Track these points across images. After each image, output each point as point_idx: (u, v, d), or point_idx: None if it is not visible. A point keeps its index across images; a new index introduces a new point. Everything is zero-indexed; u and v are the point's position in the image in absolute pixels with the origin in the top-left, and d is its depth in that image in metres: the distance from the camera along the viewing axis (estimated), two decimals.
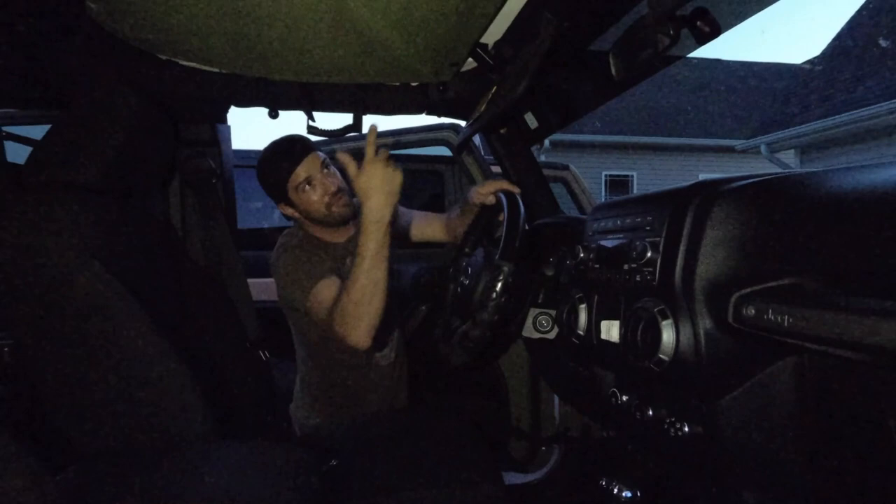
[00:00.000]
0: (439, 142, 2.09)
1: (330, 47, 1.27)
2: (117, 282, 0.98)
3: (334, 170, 1.43)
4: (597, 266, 1.02)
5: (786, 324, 0.63)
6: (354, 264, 1.17)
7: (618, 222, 0.99)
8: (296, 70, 1.42)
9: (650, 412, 0.88)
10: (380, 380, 1.56)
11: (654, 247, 0.84)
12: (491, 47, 1.38)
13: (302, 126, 1.58)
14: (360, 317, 1.18)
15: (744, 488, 0.83)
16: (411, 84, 1.61)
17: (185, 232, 1.64)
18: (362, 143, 2.16)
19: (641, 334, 0.83)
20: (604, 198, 10.42)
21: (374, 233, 1.14)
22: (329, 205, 1.40)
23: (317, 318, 1.32)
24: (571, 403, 1.60)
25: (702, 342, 0.75)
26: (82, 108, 1.11)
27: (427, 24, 1.17)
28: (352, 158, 1.15)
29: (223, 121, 1.70)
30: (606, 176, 12.29)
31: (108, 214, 1.09)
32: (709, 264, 0.76)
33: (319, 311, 1.29)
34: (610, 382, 1.03)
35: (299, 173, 1.38)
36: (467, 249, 1.40)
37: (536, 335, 1.25)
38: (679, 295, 0.78)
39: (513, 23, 1.25)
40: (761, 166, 9.17)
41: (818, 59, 9.37)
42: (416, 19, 1.15)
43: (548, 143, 10.56)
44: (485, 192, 1.39)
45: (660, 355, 0.79)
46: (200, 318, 1.36)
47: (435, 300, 2.13)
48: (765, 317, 0.66)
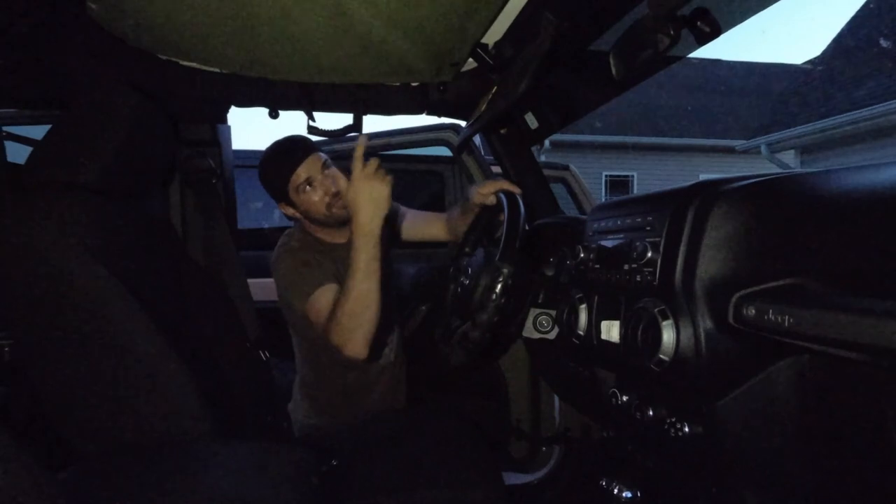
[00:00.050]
0: (439, 142, 2.09)
1: (330, 47, 1.27)
2: (117, 282, 0.98)
3: (336, 171, 1.44)
4: (597, 266, 1.02)
5: (786, 324, 0.63)
6: (347, 276, 1.20)
7: (618, 222, 0.99)
8: (296, 70, 1.42)
9: (650, 412, 0.88)
10: (379, 380, 1.56)
11: (655, 247, 0.84)
12: (491, 47, 1.38)
13: (302, 126, 1.58)
14: (355, 328, 1.20)
15: (744, 488, 0.83)
16: (411, 84, 1.61)
17: (185, 232, 1.64)
18: None
19: (642, 334, 0.83)
20: (604, 198, 10.42)
21: (365, 245, 1.17)
22: (329, 205, 1.40)
23: (314, 325, 1.33)
24: (572, 404, 1.60)
25: (702, 342, 0.75)
26: (82, 108, 1.11)
27: (427, 24, 1.17)
28: (342, 174, 1.15)
29: (223, 121, 1.70)
30: (606, 176, 12.29)
31: (108, 214, 1.09)
32: (709, 264, 0.76)
33: (317, 319, 1.31)
34: (610, 383, 1.02)
35: (300, 173, 1.39)
36: (467, 249, 1.40)
37: (536, 335, 1.25)
38: (679, 295, 0.78)
39: (513, 23, 1.25)
40: (761, 166, 9.16)
41: (819, 59, 9.38)
42: (416, 19, 1.15)
43: (548, 143, 10.56)
44: (485, 192, 1.39)
45: (660, 355, 0.78)
46: (200, 319, 1.36)
47: (435, 300, 2.13)
48: (765, 317, 0.66)
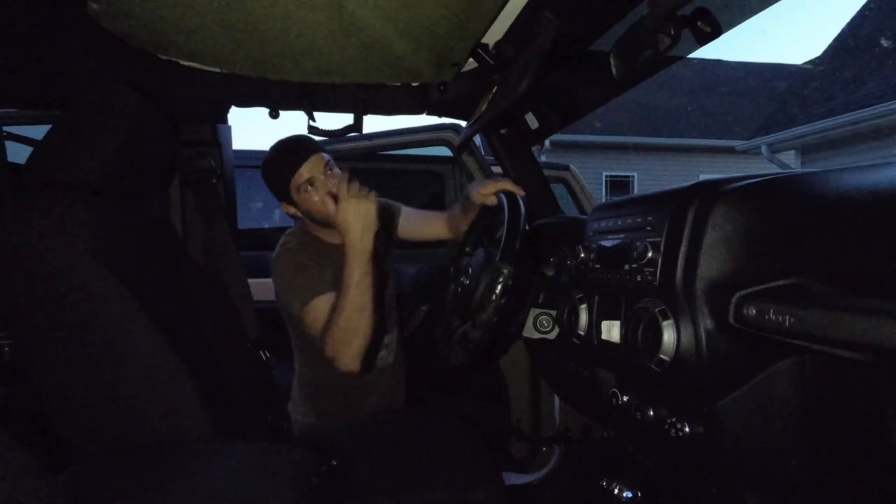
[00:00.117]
0: (440, 142, 2.09)
1: (330, 47, 1.26)
2: (117, 282, 0.98)
3: (338, 172, 1.44)
4: (597, 266, 1.02)
5: (787, 324, 0.63)
6: (340, 293, 1.24)
7: (618, 222, 0.99)
8: (296, 70, 1.42)
9: (651, 412, 0.88)
10: (378, 381, 1.56)
11: (655, 247, 0.84)
12: (492, 47, 1.37)
13: (302, 126, 1.58)
14: (348, 342, 1.24)
15: (744, 488, 0.83)
16: (412, 84, 1.61)
17: (185, 232, 1.64)
18: (363, 144, 2.17)
19: (642, 334, 0.83)
20: (604, 198, 10.41)
21: (358, 262, 1.22)
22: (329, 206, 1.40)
23: (310, 332, 1.35)
24: (572, 404, 1.60)
25: (703, 342, 0.75)
26: (82, 108, 1.11)
27: (428, 24, 1.17)
28: (331, 198, 1.28)
29: (224, 121, 1.70)
30: (607, 176, 12.28)
31: (108, 214, 1.09)
32: (710, 264, 0.76)
33: (312, 327, 1.33)
34: (610, 383, 1.02)
35: (302, 173, 1.39)
36: (468, 249, 1.40)
37: (537, 335, 1.25)
38: (680, 295, 0.78)
39: (513, 23, 1.24)
40: (762, 167, 9.15)
41: (819, 59, 9.38)
42: (416, 19, 1.15)
43: (548, 143, 10.55)
44: (486, 192, 1.39)
45: (661, 355, 0.78)
46: (200, 319, 1.36)
47: (435, 300, 2.13)
48: (766, 317, 0.66)
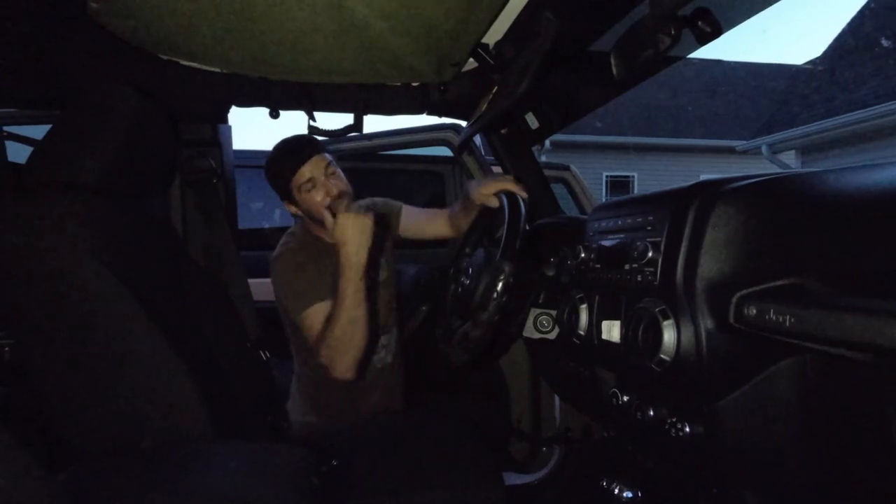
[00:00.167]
0: (440, 142, 2.09)
1: (330, 47, 1.26)
2: (117, 282, 0.98)
3: (340, 173, 1.44)
4: (598, 266, 1.02)
5: (787, 324, 0.63)
6: (335, 304, 1.25)
7: (619, 222, 0.99)
8: (296, 70, 1.41)
9: (651, 412, 0.88)
10: (377, 381, 1.56)
11: (656, 247, 0.84)
12: (492, 47, 1.37)
13: (303, 126, 1.58)
14: (343, 352, 1.26)
15: (745, 488, 0.83)
16: (412, 84, 1.61)
17: (185, 232, 1.64)
18: (363, 144, 2.17)
19: (642, 334, 0.83)
20: (604, 198, 10.41)
21: (354, 276, 1.24)
22: (330, 207, 1.40)
23: (306, 336, 1.35)
24: (572, 404, 1.60)
25: (703, 342, 0.75)
26: (82, 108, 1.11)
27: (428, 24, 1.17)
28: (330, 213, 1.31)
29: (224, 121, 1.70)
30: (607, 176, 12.28)
31: (108, 214, 1.09)
32: (710, 264, 0.76)
33: (309, 333, 1.34)
34: (611, 383, 1.02)
35: (303, 173, 1.39)
36: (468, 249, 1.40)
37: (537, 335, 1.25)
38: (680, 295, 0.78)
39: (514, 23, 1.24)
40: (762, 167, 9.14)
41: (820, 59, 9.36)
42: (416, 19, 1.15)
43: (548, 143, 10.55)
44: (486, 192, 1.38)
45: (661, 355, 0.78)
46: (200, 319, 1.36)
47: (435, 300, 2.13)
48: (766, 317, 0.66)
